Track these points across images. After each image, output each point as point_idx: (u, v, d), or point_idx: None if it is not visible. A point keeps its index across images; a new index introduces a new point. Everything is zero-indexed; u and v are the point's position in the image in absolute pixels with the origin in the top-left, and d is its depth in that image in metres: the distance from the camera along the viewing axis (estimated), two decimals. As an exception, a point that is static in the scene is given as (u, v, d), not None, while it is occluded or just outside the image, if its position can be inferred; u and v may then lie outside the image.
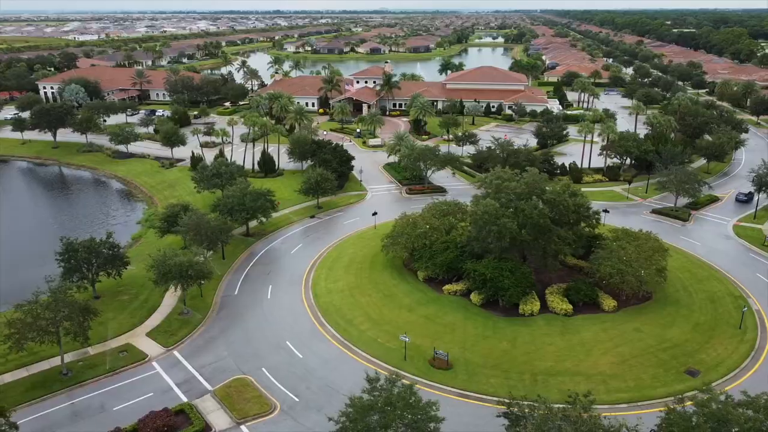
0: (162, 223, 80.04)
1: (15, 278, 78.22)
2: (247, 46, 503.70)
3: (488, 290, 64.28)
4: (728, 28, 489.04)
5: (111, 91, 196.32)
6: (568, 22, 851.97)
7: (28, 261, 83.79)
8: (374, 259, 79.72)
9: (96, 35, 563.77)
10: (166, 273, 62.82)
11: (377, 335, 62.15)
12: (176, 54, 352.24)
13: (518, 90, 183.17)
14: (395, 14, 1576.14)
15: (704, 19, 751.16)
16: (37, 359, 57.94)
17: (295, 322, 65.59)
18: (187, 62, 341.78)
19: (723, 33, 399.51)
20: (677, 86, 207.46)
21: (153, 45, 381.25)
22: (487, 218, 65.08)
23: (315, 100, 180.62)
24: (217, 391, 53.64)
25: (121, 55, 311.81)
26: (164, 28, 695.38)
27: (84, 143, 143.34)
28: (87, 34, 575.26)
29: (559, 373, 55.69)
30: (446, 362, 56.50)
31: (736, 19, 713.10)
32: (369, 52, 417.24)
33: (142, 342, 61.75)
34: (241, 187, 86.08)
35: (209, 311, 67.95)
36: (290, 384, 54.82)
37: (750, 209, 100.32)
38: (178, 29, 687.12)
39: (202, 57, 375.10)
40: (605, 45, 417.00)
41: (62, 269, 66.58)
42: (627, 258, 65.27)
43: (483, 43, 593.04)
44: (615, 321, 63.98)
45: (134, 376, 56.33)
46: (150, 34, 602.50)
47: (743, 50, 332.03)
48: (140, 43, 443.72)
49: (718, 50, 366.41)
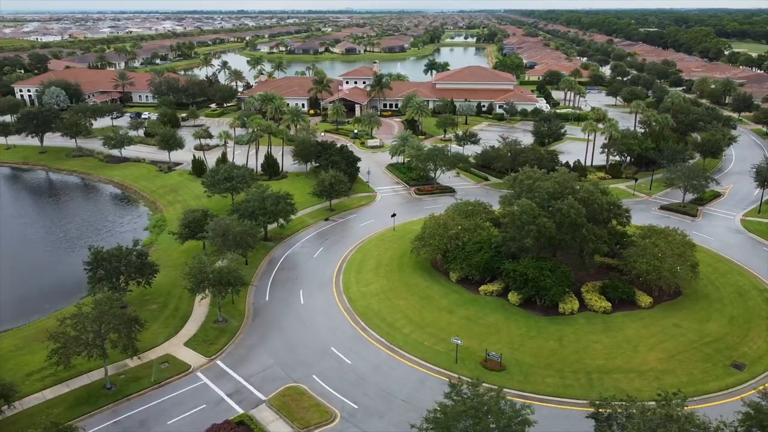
0: (183, 230, 77.84)
1: (33, 288, 75.46)
2: (219, 47, 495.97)
3: (529, 290, 64.38)
4: (695, 27, 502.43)
5: (91, 94, 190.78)
6: (534, 21, 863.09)
7: (41, 271, 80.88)
8: (401, 261, 79.19)
9: (59, 36, 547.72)
10: (203, 281, 61.12)
11: (422, 338, 61.66)
12: (149, 55, 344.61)
13: (508, 89, 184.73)
14: (361, 14, 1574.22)
15: (665, 19, 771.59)
16: (75, 374, 55.61)
17: (335, 327, 64.60)
18: (160, 63, 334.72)
19: (691, 32, 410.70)
20: (657, 84, 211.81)
21: (123, 46, 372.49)
22: (525, 218, 65.18)
23: (305, 101, 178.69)
24: (273, 401, 52.40)
25: (93, 57, 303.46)
26: (129, 29, 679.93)
27: (72, 148, 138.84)
28: (49, 35, 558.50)
29: (611, 371, 56.08)
30: (499, 364, 56.35)
31: (695, 19, 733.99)
32: (344, 53, 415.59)
33: (181, 352, 59.97)
34: (260, 190, 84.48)
35: (244, 318, 66.43)
36: (345, 391, 53.90)
37: (754, 201, 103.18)
38: (143, 30, 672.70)
39: (175, 58, 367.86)
40: (577, 44, 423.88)
41: (90, 279, 64.15)
42: (662, 255, 66.16)
43: (455, 43, 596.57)
44: (653, 317, 64.81)
45: (181, 388, 54.64)
46: (115, 34, 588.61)
47: (711, 49, 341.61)
48: (107, 44, 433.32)
49: (686, 49, 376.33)
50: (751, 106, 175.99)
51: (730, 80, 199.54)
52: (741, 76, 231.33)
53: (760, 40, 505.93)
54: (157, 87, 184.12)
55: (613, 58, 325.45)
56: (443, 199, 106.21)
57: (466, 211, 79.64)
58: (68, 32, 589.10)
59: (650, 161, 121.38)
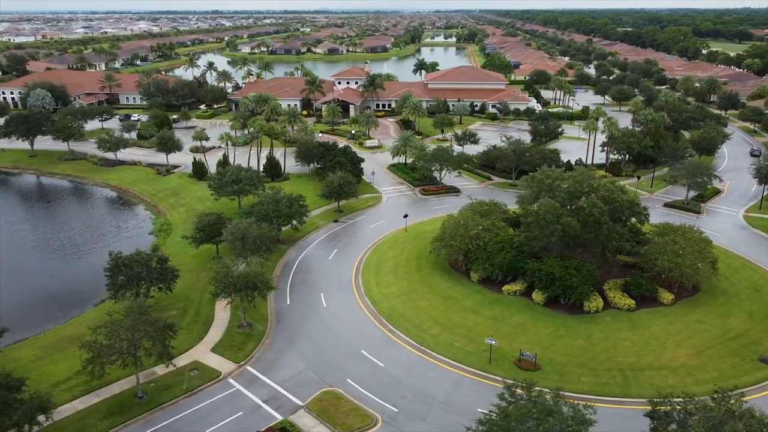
0: (198, 234, 76.53)
1: (43, 296, 73.60)
2: (198, 47, 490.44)
3: (556, 289, 64.65)
4: (670, 27, 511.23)
5: (77, 96, 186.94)
6: (511, 21, 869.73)
7: (49, 278, 78.95)
8: (419, 261, 79.00)
9: (32, 36, 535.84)
10: (230, 285, 60.16)
11: (452, 339, 61.51)
12: (129, 56, 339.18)
13: (500, 89, 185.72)
14: (337, 14, 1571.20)
15: (639, 19, 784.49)
16: (104, 383, 54.12)
17: (362, 329, 64.10)
18: (141, 64, 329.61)
19: (669, 31, 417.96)
20: (644, 84, 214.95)
21: (101, 46, 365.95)
22: (550, 217, 65.45)
23: (297, 102, 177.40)
24: (311, 406, 51.72)
25: (72, 58, 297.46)
26: (103, 29, 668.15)
27: (64, 151, 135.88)
28: (21, 35, 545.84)
29: (644, 368, 56.54)
30: (534, 363, 56.44)
31: (668, 19, 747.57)
32: (327, 53, 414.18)
33: (209, 358, 58.90)
34: (273, 192, 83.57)
35: (268, 323, 65.58)
36: (382, 394, 53.46)
37: (753, 197, 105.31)
38: (119, 30, 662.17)
39: (155, 58, 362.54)
40: (557, 44, 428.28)
41: (111, 285, 62.67)
42: (682, 252, 66.99)
43: (435, 43, 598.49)
44: (676, 314, 65.57)
45: (214, 395, 53.65)
46: (90, 35, 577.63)
47: (690, 48, 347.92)
48: (83, 44, 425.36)
49: (664, 48, 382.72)
50: (737, 104, 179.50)
51: (714, 79, 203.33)
52: (723, 75, 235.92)
53: (733, 39, 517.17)
54: (146, 89, 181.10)
55: (595, 57, 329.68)
56: (449, 199, 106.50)
57: (481, 211, 79.65)
58: (41, 33, 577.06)
59: (648, 159, 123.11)
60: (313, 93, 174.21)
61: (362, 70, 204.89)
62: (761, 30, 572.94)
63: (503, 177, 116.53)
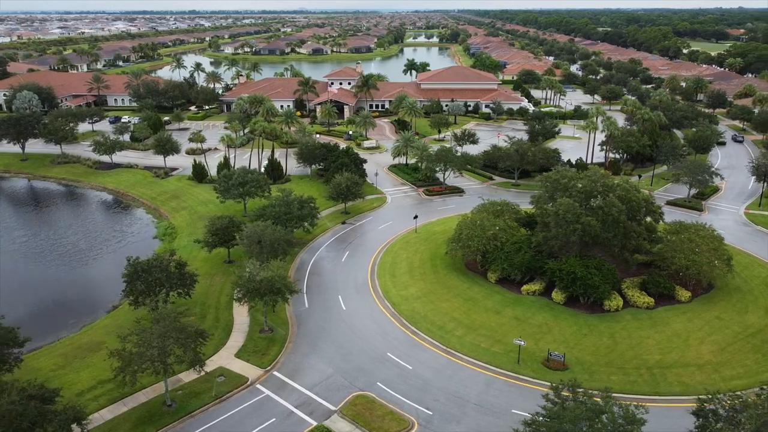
0: (210, 237, 75.44)
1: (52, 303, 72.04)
2: (179, 48, 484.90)
3: (577, 288, 64.95)
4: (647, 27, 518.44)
5: (65, 98, 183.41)
6: (491, 21, 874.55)
7: (57, 285, 77.33)
8: (433, 262, 78.88)
9: (7, 37, 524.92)
10: (253, 290, 59.40)
11: (477, 340, 61.44)
12: (111, 56, 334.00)
13: (492, 89, 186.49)
14: (316, 14, 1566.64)
15: (616, 19, 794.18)
16: (130, 391, 53.14)
17: (385, 332, 63.74)
18: (123, 65, 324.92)
19: (650, 31, 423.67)
20: (632, 83, 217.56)
21: (81, 47, 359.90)
22: (570, 217, 65.75)
23: (290, 103, 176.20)
24: (345, 411, 51.23)
25: (53, 59, 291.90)
26: (80, 29, 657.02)
27: (56, 154, 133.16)
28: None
29: (670, 366, 57.05)
30: (562, 363, 56.61)
31: (646, 19, 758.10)
32: (311, 53, 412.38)
33: (234, 364, 58.07)
34: (284, 194, 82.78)
35: (289, 327, 64.88)
36: (414, 397, 53.16)
37: (751, 194, 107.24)
38: (96, 30, 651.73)
39: (137, 59, 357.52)
40: (539, 44, 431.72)
41: (129, 291, 61.43)
42: (698, 250, 67.79)
43: (417, 43, 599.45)
44: (694, 311, 66.31)
45: (244, 402, 52.89)
46: (67, 35, 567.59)
47: (671, 47, 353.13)
48: (61, 45, 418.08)
49: (646, 48, 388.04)
50: (724, 102, 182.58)
51: (701, 78, 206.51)
52: (707, 74, 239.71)
53: (710, 38, 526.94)
54: (136, 90, 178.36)
55: (579, 57, 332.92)
56: (453, 200, 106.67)
57: (494, 212, 79.78)
58: (16, 33, 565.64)
59: (646, 158, 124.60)
60: (307, 94, 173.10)
61: (354, 71, 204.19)
62: (736, 30, 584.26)
63: (505, 177, 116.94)
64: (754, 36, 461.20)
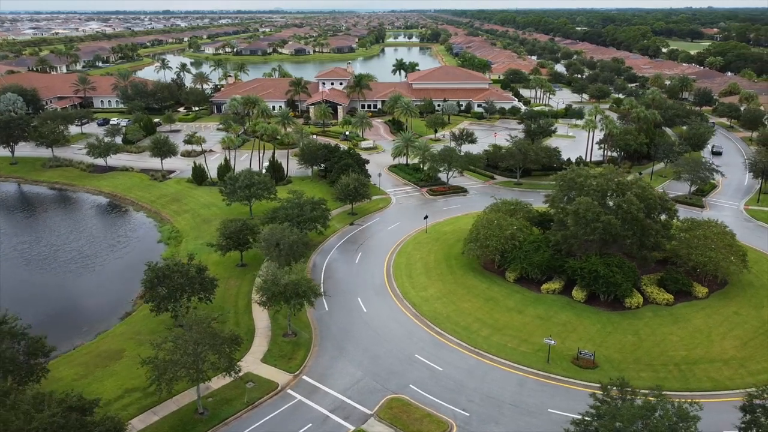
0: (225, 241, 74.25)
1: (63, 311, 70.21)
2: (158, 48, 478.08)
3: (600, 286, 65.32)
4: (623, 26, 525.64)
5: (49, 100, 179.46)
6: (469, 21, 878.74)
7: (66, 292, 75.51)
8: (449, 263, 78.73)
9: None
10: (278, 294, 58.59)
11: (503, 340, 61.42)
12: (91, 57, 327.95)
13: (484, 88, 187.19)
14: (293, 14, 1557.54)
15: (593, 18, 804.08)
16: (159, 400, 52.06)
17: (410, 333, 63.40)
18: (103, 66, 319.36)
19: (629, 30, 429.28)
20: (619, 82, 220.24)
21: (57, 48, 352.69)
22: (590, 216, 66.11)
23: (282, 104, 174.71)
24: (381, 414, 50.76)
25: (32, 60, 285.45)
26: (53, 30, 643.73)
27: (47, 158, 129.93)
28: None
29: (697, 362, 57.66)
30: (592, 361, 56.86)
31: (621, 19, 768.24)
32: (294, 53, 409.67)
33: (262, 369, 57.22)
34: (295, 196, 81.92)
35: (312, 330, 64.14)
36: (449, 398, 52.91)
37: (747, 190, 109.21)
38: (70, 31, 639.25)
39: (117, 60, 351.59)
40: (521, 43, 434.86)
41: (150, 298, 60.13)
42: (714, 246, 68.69)
43: (399, 43, 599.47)
44: (712, 307, 67.16)
45: (278, 408, 52.12)
46: (41, 36, 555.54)
47: (650, 46, 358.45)
48: (35, 46, 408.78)
49: (625, 47, 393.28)
50: (711, 100, 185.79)
51: (686, 77, 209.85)
52: (689, 73, 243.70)
53: (685, 38, 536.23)
54: (124, 91, 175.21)
55: (562, 56, 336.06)
56: (457, 199, 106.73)
57: (507, 211, 79.90)
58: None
59: (642, 156, 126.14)
60: (299, 94, 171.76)
61: (345, 71, 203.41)
62: (710, 29, 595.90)
63: (506, 176, 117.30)
64: (728, 35, 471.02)
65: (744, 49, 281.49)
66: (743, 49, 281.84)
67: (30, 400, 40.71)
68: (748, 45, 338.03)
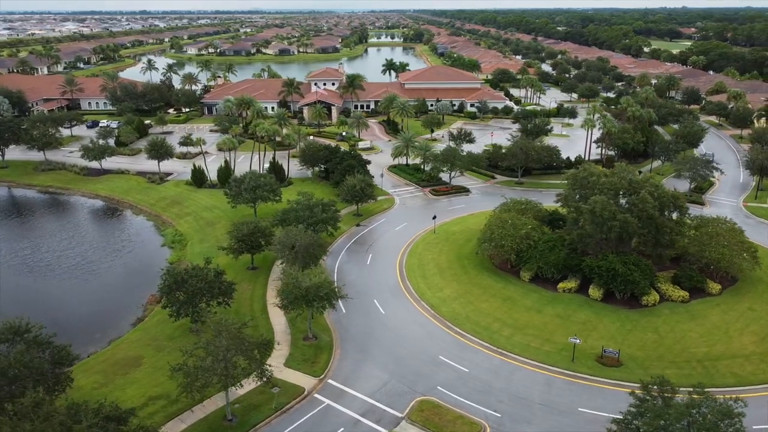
0: (237, 244, 73.23)
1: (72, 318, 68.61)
2: (138, 49, 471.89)
3: (618, 285, 65.66)
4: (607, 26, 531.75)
5: (36, 102, 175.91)
6: (450, 21, 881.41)
7: (74, 299, 73.90)
8: (461, 263, 78.65)
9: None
10: (300, 297, 57.89)
11: (526, 340, 61.43)
12: (72, 58, 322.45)
13: (476, 88, 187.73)
14: (271, 14, 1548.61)
15: (572, 18, 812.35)
16: (184, 407, 51.12)
17: (431, 335, 63.12)
18: (84, 67, 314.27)
19: (611, 30, 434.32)
20: (607, 81, 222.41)
21: (35, 48, 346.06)
22: (607, 215, 66.45)
23: (275, 104, 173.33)
24: (413, 417, 50.37)
25: (12, 61, 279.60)
26: (30, 31, 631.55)
27: (38, 161, 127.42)
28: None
29: (718, 358, 58.20)
30: (617, 360, 57.09)
31: (600, 18, 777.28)
32: (278, 53, 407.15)
33: (285, 374, 56.40)
34: (305, 197, 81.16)
35: (332, 333, 63.54)
36: (478, 399, 52.68)
37: (744, 187, 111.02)
38: (46, 31, 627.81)
39: (98, 61, 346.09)
40: (504, 43, 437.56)
41: (169, 303, 59.05)
42: (727, 243, 69.50)
43: (382, 43, 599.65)
44: (727, 303, 67.91)
45: (307, 413, 51.45)
46: (17, 36, 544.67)
47: (632, 46, 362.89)
48: (11, 47, 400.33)
49: (608, 46, 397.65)
50: (698, 99, 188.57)
51: (673, 75, 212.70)
52: (674, 72, 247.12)
53: (664, 37, 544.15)
54: (113, 93, 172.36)
55: (547, 56, 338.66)
56: (461, 199, 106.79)
57: (519, 210, 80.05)
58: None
59: (638, 154, 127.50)
60: (291, 95, 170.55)
61: (337, 71, 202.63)
62: (687, 29, 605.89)
63: (506, 175, 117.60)
64: (706, 35, 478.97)
65: (726, 48, 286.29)
66: (725, 48, 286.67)
67: (65, 411, 39.60)
68: (729, 45, 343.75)
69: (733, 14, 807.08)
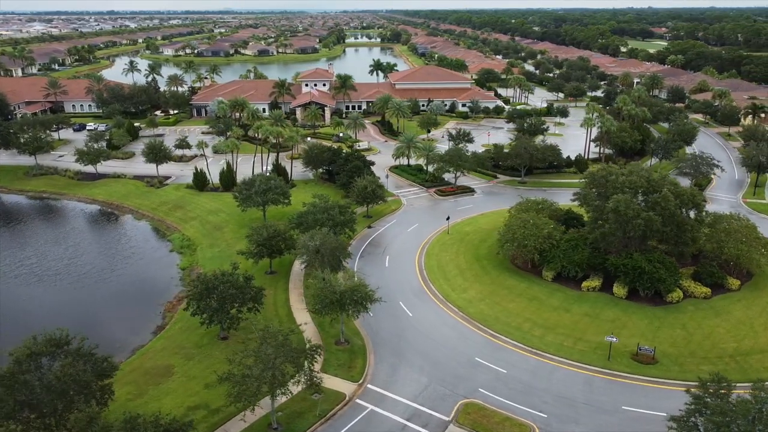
0: (259, 249, 71.99)
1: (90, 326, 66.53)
2: (112, 50, 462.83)
3: (644, 282, 66.28)
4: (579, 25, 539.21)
5: (17, 105, 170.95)
6: (424, 21, 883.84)
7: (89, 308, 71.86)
8: (481, 263, 78.66)
9: None
10: (335, 302, 57.15)
11: (558, 339, 61.61)
12: (47, 60, 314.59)
13: (467, 88, 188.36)
14: (243, 14, 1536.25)
15: (544, 18, 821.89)
16: (225, 417, 50.04)
17: (463, 336, 62.89)
18: (60, 69, 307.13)
19: (587, 30, 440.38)
20: (592, 81, 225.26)
21: (6, 50, 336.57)
22: (631, 213, 67.05)
23: (266, 106, 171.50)
24: (460, 420, 50.08)
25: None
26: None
27: (29, 166, 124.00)
28: None
29: (749, 353, 59.13)
30: (652, 357, 57.57)
31: (572, 19, 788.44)
32: (257, 54, 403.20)
33: (324, 380, 55.27)
34: (322, 200, 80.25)
35: (363, 337, 62.86)
36: (522, 400, 52.62)
37: (740, 184, 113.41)
38: (13, 32, 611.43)
39: (73, 63, 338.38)
40: (483, 43, 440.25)
41: (200, 310, 57.70)
42: (745, 239, 70.72)
43: (359, 43, 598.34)
44: (748, 299, 69.08)
45: (352, 419, 50.77)
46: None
47: (609, 45, 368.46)
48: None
49: (585, 46, 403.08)
50: (683, 97, 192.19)
51: (656, 75, 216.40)
52: (654, 71, 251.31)
53: (636, 37, 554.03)
54: (99, 95, 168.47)
55: (527, 55, 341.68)
56: (467, 199, 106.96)
57: (535, 210, 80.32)
58: None
59: (635, 152, 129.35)
60: (282, 96, 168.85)
61: (327, 72, 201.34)
62: (658, 28, 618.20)
63: (508, 175, 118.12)
64: (677, 34, 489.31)
65: (702, 47, 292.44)
66: (702, 47, 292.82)
67: (121, 425, 38.31)
68: (705, 44, 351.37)
69: (700, 14, 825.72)
